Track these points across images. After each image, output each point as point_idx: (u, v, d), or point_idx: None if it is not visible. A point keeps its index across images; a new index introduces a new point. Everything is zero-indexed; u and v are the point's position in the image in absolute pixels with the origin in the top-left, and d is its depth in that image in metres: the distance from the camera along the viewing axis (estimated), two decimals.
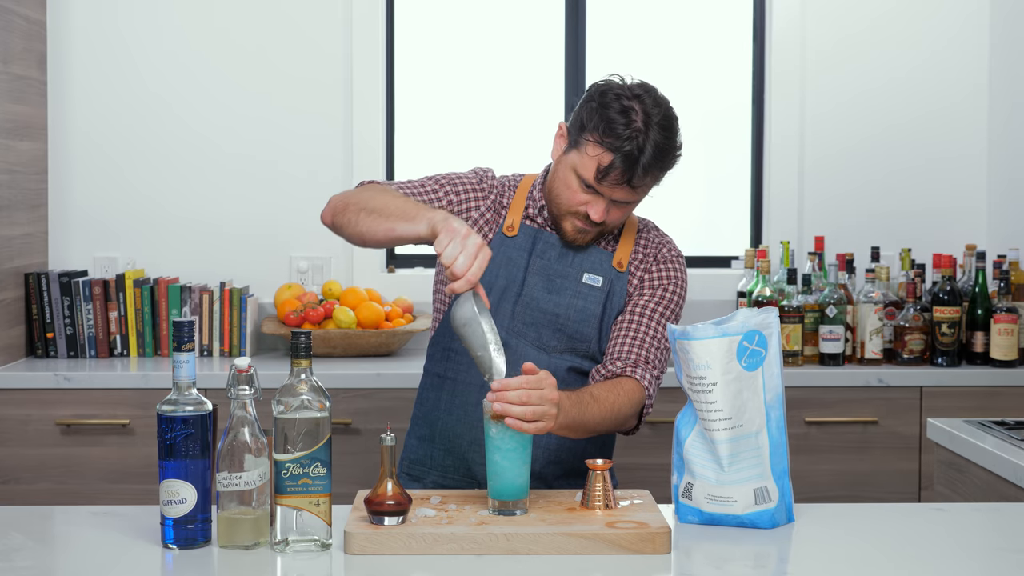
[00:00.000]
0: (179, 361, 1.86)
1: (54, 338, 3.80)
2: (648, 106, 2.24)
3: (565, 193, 2.30)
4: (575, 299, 2.34)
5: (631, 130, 2.21)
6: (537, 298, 2.34)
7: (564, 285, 2.35)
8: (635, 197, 2.28)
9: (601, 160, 2.22)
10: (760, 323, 1.99)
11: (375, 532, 1.85)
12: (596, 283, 2.36)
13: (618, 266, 2.38)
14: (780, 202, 4.15)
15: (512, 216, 2.39)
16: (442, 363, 2.40)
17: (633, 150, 2.20)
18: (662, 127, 2.23)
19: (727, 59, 4.26)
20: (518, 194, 2.42)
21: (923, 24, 4.15)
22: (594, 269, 2.37)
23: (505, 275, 2.36)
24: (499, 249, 2.37)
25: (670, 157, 2.26)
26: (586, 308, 2.35)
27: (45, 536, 2.00)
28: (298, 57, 4.06)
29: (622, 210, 2.31)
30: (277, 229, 4.07)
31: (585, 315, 2.34)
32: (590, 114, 2.25)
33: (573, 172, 2.28)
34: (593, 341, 2.35)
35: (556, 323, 2.34)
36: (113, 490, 3.48)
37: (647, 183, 2.26)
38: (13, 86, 3.70)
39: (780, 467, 2.00)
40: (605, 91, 2.27)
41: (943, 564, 1.84)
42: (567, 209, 2.31)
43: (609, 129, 2.21)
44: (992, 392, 3.60)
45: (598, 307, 2.35)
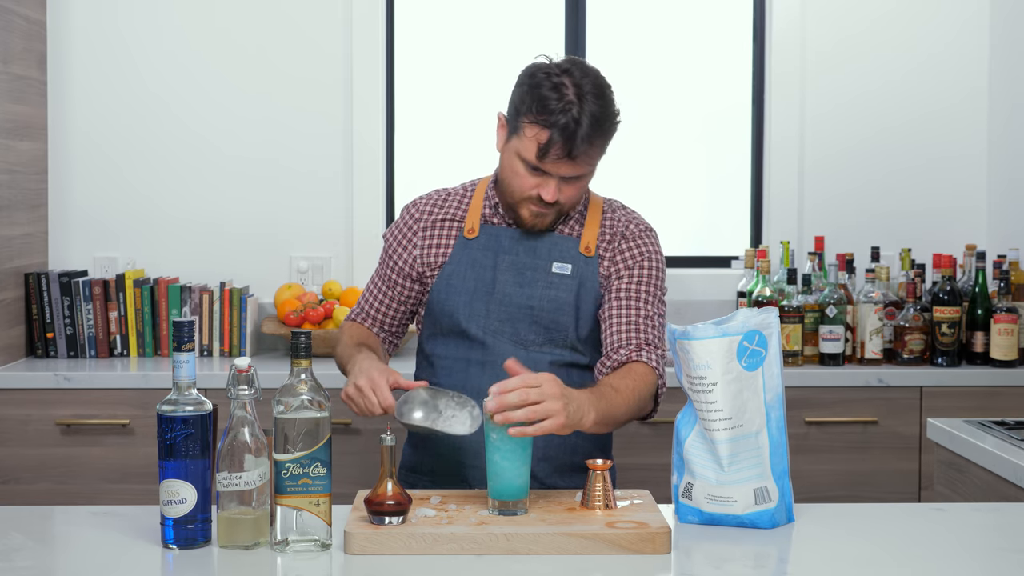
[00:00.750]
0: (179, 361, 1.86)
1: (54, 338, 3.80)
2: (577, 78, 2.24)
3: (514, 180, 2.30)
4: (547, 289, 2.34)
5: (564, 103, 2.21)
6: (509, 293, 2.35)
7: (535, 277, 2.35)
8: (581, 170, 2.27)
9: (539, 138, 2.23)
10: (760, 323, 1.99)
11: (375, 532, 1.85)
12: (566, 271, 2.36)
13: (586, 251, 2.37)
14: (780, 202, 4.15)
15: (471, 219, 2.41)
16: (428, 370, 2.42)
17: (569, 122, 2.20)
18: (595, 96, 2.23)
19: (727, 59, 4.27)
20: (475, 199, 2.43)
21: (923, 25, 4.15)
22: (562, 258, 2.36)
23: (474, 276, 2.37)
24: (462, 252, 2.38)
25: (608, 124, 2.25)
26: (559, 297, 2.34)
27: (45, 536, 2.00)
28: (298, 57, 4.06)
29: (574, 186, 2.30)
30: (277, 229, 4.07)
31: (559, 304, 2.34)
32: (523, 97, 2.27)
33: (517, 157, 2.28)
34: (570, 330, 2.35)
35: (531, 316, 2.34)
36: (113, 490, 3.48)
37: (590, 154, 2.25)
38: (13, 86, 3.70)
39: (780, 467, 2.00)
40: (534, 72, 2.29)
41: (943, 564, 1.84)
42: (520, 196, 2.31)
43: (542, 107, 2.22)
44: (992, 392, 3.60)
45: (571, 295, 2.35)
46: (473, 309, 2.35)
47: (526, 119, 2.25)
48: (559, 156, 2.23)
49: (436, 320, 2.40)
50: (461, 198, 2.45)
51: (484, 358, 2.34)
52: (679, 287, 4.08)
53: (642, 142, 4.26)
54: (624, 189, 4.23)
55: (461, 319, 2.35)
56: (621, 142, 4.46)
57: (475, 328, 2.34)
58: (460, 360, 2.36)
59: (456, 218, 2.43)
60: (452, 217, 2.43)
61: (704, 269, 4.17)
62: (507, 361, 2.05)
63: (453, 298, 2.36)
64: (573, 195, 2.32)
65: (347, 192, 4.07)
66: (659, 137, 4.27)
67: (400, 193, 4.20)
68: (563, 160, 2.23)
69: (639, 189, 4.27)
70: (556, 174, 2.26)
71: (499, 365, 2.26)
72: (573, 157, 2.23)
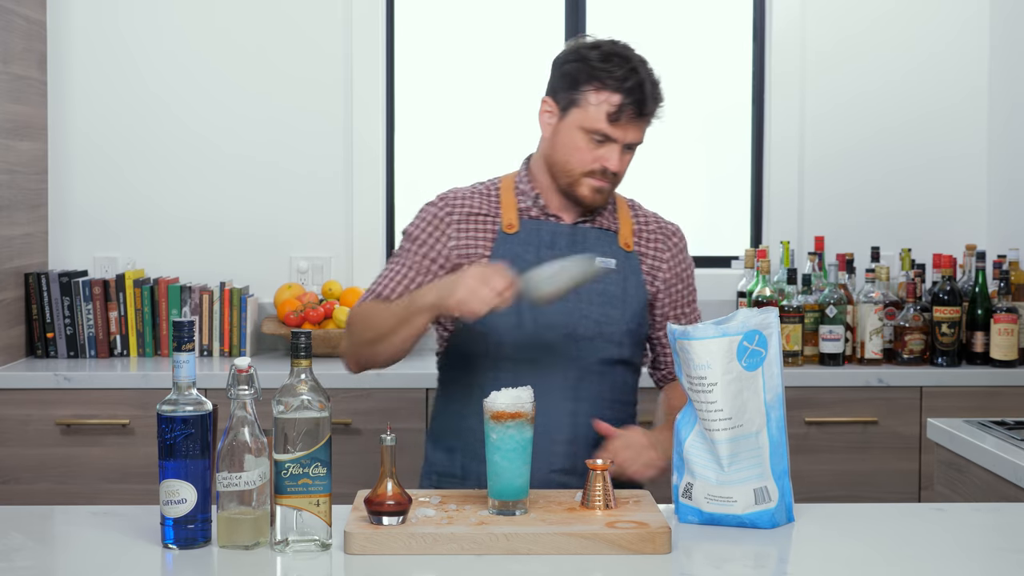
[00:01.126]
0: (179, 361, 1.86)
1: (54, 338, 3.80)
2: (621, 48, 2.32)
3: (575, 156, 2.31)
4: (595, 283, 2.33)
5: (627, 68, 2.28)
6: None
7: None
8: (642, 135, 2.33)
9: (611, 101, 2.27)
10: (760, 323, 1.99)
11: (375, 532, 1.85)
12: (610, 265, 2.37)
13: (625, 246, 2.40)
14: (780, 202, 4.15)
15: (507, 215, 2.38)
16: (466, 370, 2.37)
17: (635, 84, 2.27)
18: (642, 60, 2.32)
19: (727, 59, 4.26)
20: (504, 195, 2.41)
21: (923, 25, 4.15)
22: (605, 252, 2.37)
23: (521, 268, 2.31)
24: (503, 247, 2.36)
25: (660, 89, 2.33)
26: (607, 290, 2.35)
27: (45, 536, 2.00)
28: (298, 57, 4.06)
29: (629, 157, 2.35)
30: (277, 229, 4.07)
31: (607, 297, 2.35)
32: (576, 72, 2.30)
33: (579, 130, 2.30)
34: (621, 322, 2.35)
35: (581, 310, 2.33)
36: (113, 490, 3.48)
37: (653, 115, 2.32)
38: (13, 86, 3.70)
39: (780, 467, 2.00)
40: (577, 48, 2.34)
41: (943, 564, 1.84)
42: (580, 171, 2.32)
43: (606, 73, 2.27)
44: (992, 392, 3.60)
45: (618, 288, 2.36)
46: (523, 305, 2.29)
47: (588, 88, 2.28)
48: (632, 117, 2.28)
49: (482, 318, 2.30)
50: (485, 196, 2.42)
51: (531, 354, 2.31)
52: None
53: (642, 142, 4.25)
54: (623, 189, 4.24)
55: (507, 316, 2.30)
56: None
57: (523, 323, 2.31)
58: (505, 358, 2.32)
59: (489, 213, 2.39)
60: (485, 212, 2.40)
61: (704, 269, 4.15)
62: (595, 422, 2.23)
63: None
64: (626, 166, 2.36)
65: (347, 192, 4.07)
66: (659, 137, 4.25)
67: (400, 193, 4.20)
68: (634, 121, 2.29)
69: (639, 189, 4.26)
70: (623, 140, 2.30)
71: (546, 361, 2.30)
72: (643, 115, 2.29)
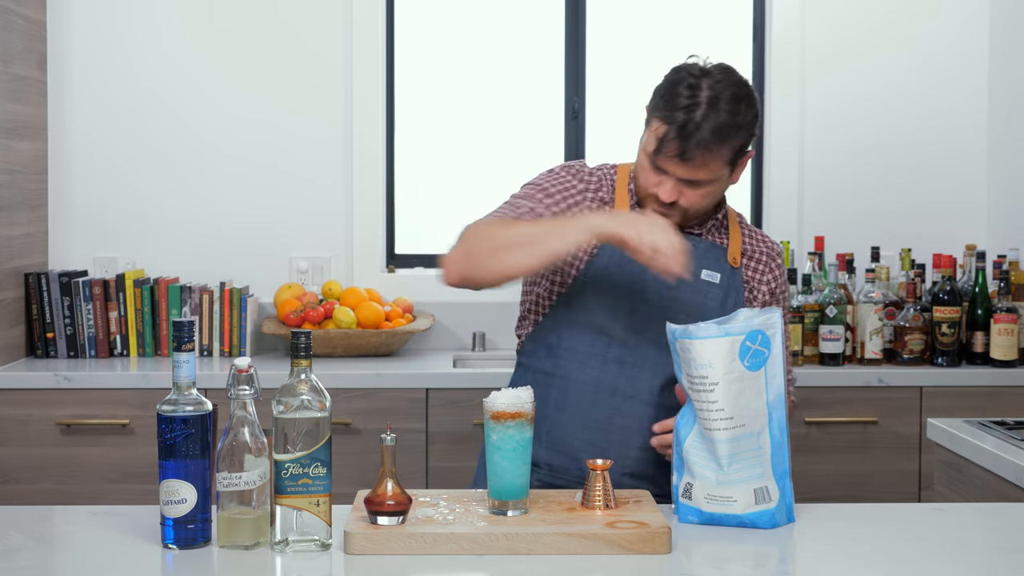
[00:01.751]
0: (179, 361, 1.86)
1: (54, 338, 3.80)
2: (715, 81, 2.18)
3: (641, 175, 2.27)
4: (694, 295, 2.30)
5: (691, 102, 2.15)
6: (657, 295, 2.28)
7: (684, 282, 2.26)
8: (697, 175, 2.19)
9: (658, 132, 2.19)
10: (763, 323, 1.99)
11: (375, 532, 1.85)
12: (715, 279, 2.32)
13: (733, 262, 2.34)
14: (780, 202, 4.15)
15: (620, 207, 2.33)
16: (549, 360, 2.33)
17: (687, 122, 2.14)
18: (729, 101, 2.17)
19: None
20: (619, 188, 2.35)
21: (923, 25, 4.15)
22: (711, 266, 2.32)
23: (624, 272, 2.29)
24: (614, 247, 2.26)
25: (731, 131, 2.17)
26: (705, 304, 2.30)
27: (45, 536, 2.00)
28: (298, 58, 4.06)
29: (697, 192, 2.22)
30: (277, 229, 4.07)
31: (705, 311, 2.28)
32: (659, 91, 2.23)
33: (643, 151, 2.25)
34: None
35: (678, 320, 2.24)
36: (113, 490, 3.48)
37: (706, 160, 2.17)
38: (13, 86, 3.70)
39: (781, 467, 2.00)
40: (679, 69, 2.23)
41: (943, 564, 1.84)
42: (644, 192, 2.28)
43: (670, 102, 2.17)
44: (992, 392, 3.60)
45: (717, 303, 2.31)
46: (619, 306, 2.28)
47: (655, 112, 2.22)
48: (672, 154, 2.18)
49: (574, 310, 2.31)
50: (606, 181, 2.36)
51: (623, 357, 2.29)
52: None
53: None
54: None
55: (606, 315, 2.28)
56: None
57: (619, 326, 2.29)
58: (596, 356, 2.29)
59: (608, 201, 2.35)
60: (605, 199, 2.34)
61: None
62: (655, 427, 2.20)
63: (601, 291, 2.29)
64: (697, 201, 2.24)
65: (347, 192, 4.07)
66: None
67: (400, 193, 4.20)
68: (675, 160, 2.18)
69: None
70: (672, 173, 2.21)
71: (638, 365, 2.27)
72: (685, 159, 2.17)
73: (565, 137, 4.20)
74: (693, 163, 2.18)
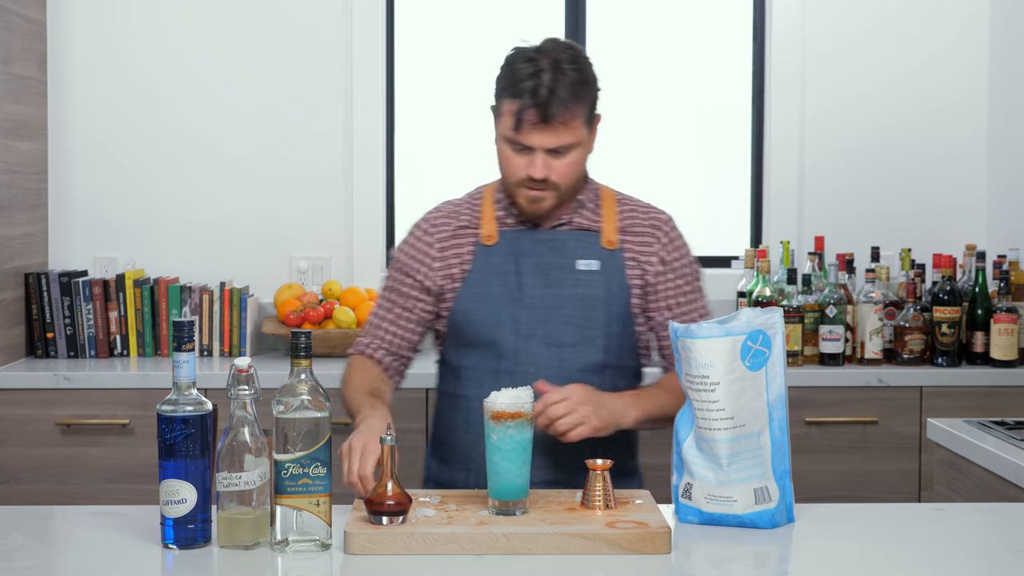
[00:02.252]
0: (179, 361, 1.86)
1: (54, 338, 3.80)
2: (550, 50, 2.25)
3: (506, 167, 2.30)
4: (576, 287, 2.32)
5: (535, 70, 2.21)
6: (538, 296, 2.32)
7: (561, 276, 2.33)
8: (561, 139, 2.23)
9: (512, 109, 2.23)
10: (765, 323, 1.99)
11: (375, 532, 1.85)
12: (593, 267, 2.34)
13: (608, 244, 2.36)
14: (780, 202, 4.15)
15: (487, 226, 2.37)
16: (452, 382, 2.38)
17: (538, 86, 2.20)
18: (569, 62, 2.23)
19: (727, 59, 4.26)
20: (484, 204, 2.40)
21: (923, 25, 4.15)
22: (586, 255, 2.35)
23: (498, 282, 2.34)
24: (483, 260, 2.35)
25: (582, 86, 2.24)
26: (588, 294, 2.32)
27: (45, 536, 2.00)
28: (298, 57, 4.06)
29: (563, 162, 2.26)
30: (277, 229, 4.07)
31: (589, 301, 2.32)
32: (500, 81, 2.29)
33: (503, 140, 2.28)
34: (601, 326, 2.32)
35: (562, 316, 2.32)
36: (113, 490, 3.48)
37: (567, 120, 2.22)
38: (13, 86, 3.70)
39: (782, 467, 2.00)
40: (511, 56, 2.30)
41: (943, 564, 1.84)
42: (513, 181, 2.29)
43: (514, 81, 2.23)
44: (992, 392, 3.59)
45: (600, 290, 2.33)
46: (501, 316, 2.31)
47: (504, 97, 2.26)
48: (534, 122, 2.21)
49: (461, 332, 2.35)
50: (471, 206, 2.42)
51: (515, 367, 2.30)
52: None
53: (642, 141, 4.26)
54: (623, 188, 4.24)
55: (489, 328, 2.32)
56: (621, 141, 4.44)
57: (505, 335, 2.31)
58: (490, 371, 2.31)
59: (471, 226, 2.39)
60: (467, 225, 2.39)
61: (704, 269, 4.14)
62: (536, 383, 2.12)
63: (480, 307, 2.33)
64: (565, 172, 2.27)
65: (347, 192, 4.07)
66: (659, 137, 4.27)
67: (400, 193, 4.20)
68: (538, 127, 2.21)
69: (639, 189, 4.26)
70: (538, 146, 2.23)
71: (529, 373, 2.27)
72: (547, 121, 2.21)
73: None
74: (555, 126, 2.22)
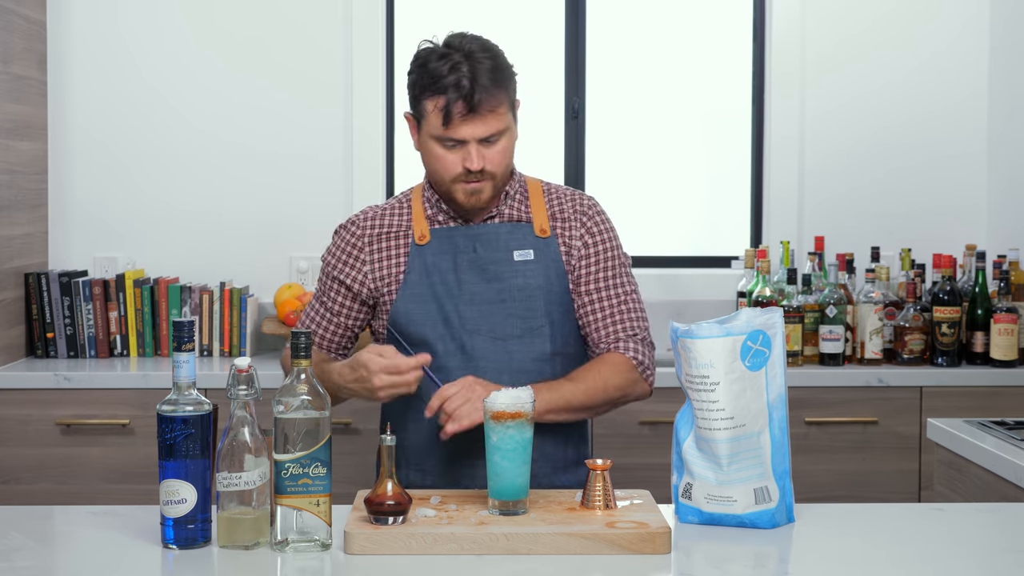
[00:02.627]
0: (179, 361, 1.86)
1: (54, 338, 3.80)
2: (459, 44, 2.27)
3: (438, 166, 2.30)
4: (514, 279, 2.33)
5: (452, 65, 2.23)
6: (478, 291, 2.33)
7: (499, 270, 2.33)
8: (490, 127, 2.26)
9: (438, 105, 2.25)
10: (765, 323, 1.99)
11: (375, 532, 1.85)
12: (528, 257, 2.35)
13: (541, 232, 2.37)
14: (780, 202, 4.15)
15: (418, 226, 2.38)
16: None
17: (459, 79, 2.22)
18: (482, 51, 2.26)
19: (727, 59, 4.26)
20: (414, 205, 2.41)
21: (923, 25, 4.15)
22: (520, 245, 2.36)
23: (438, 281, 2.33)
24: (418, 260, 2.35)
25: (500, 73, 2.27)
26: (528, 284, 2.33)
27: (45, 536, 2.00)
28: (298, 55, 4.06)
29: (495, 150, 2.28)
30: (277, 229, 4.07)
31: (529, 291, 2.33)
32: (413, 84, 2.30)
33: (431, 139, 2.29)
34: (542, 315, 2.33)
35: (504, 309, 2.32)
36: (113, 490, 3.48)
37: (492, 106, 2.25)
38: (13, 86, 3.70)
39: (782, 467, 2.00)
40: (419, 55, 2.31)
41: (943, 564, 1.84)
42: (449, 179, 2.30)
43: (434, 79, 2.25)
44: (992, 392, 3.59)
45: (539, 278, 2.34)
46: (444, 315, 2.32)
47: (425, 97, 2.27)
48: (463, 114, 2.23)
49: (403, 333, 2.34)
50: (399, 208, 2.42)
51: (464, 364, 2.30)
52: (679, 287, 4.08)
53: (642, 141, 4.26)
54: (623, 189, 4.25)
55: (431, 328, 2.32)
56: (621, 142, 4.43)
57: (449, 334, 2.31)
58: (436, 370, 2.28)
59: (401, 228, 2.39)
60: (396, 227, 2.39)
61: (704, 269, 4.17)
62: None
63: (420, 308, 2.33)
64: (498, 160, 2.29)
65: (347, 192, 4.07)
66: (659, 137, 4.27)
67: None
68: (468, 118, 2.24)
69: (639, 189, 4.27)
70: (469, 137, 2.25)
71: (480, 369, 2.28)
72: (475, 110, 2.23)
73: (565, 137, 4.20)
74: (483, 114, 2.24)
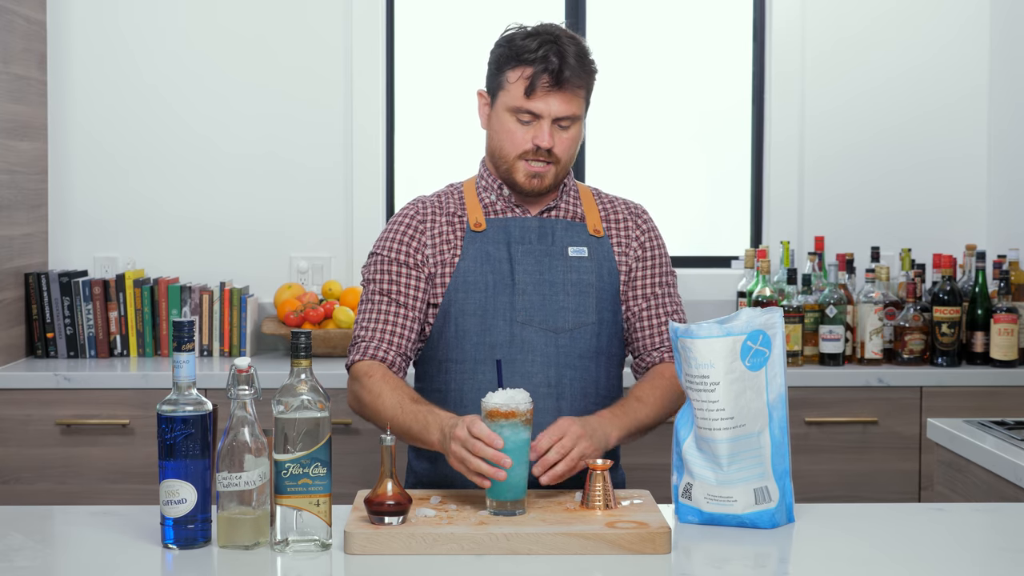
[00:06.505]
0: (179, 361, 1.86)
1: (54, 338, 3.80)
2: (548, 27, 2.35)
3: (507, 140, 2.32)
4: (568, 273, 2.34)
5: (542, 41, 2.29)
6: (533, 281, 2.33)
7: (554, 263, 2.34)
8: (570, 107, 2.29)
9: (525, 75, 2.28)
10: (765, 323, 1.99)
11: (375, 532, 1.85)
12: (583, 253, 2.37)
13: (595, 232, 2.40)
14: (780, 202, 4.15)
15: (473, 214, 2.38)
16: (440, 377, 2.35)
17: (550, 54, 2.27)
18: (570, 36, 2.33)
19: (727, 59, 4.26)
20: (467, 196, 2.41)
21: (923, 25, 4.15)
22: (575, 242, 2.38)
23: (491, 270, 2.33)
24: (473, 247, 2.34)
25: (587, 60, 2.32)
26: (581, 280, 2.35)
27: (45, 536, 2.00)
28: (299, 55, 4.06)
29: (567, 138, 2.32)
30: (277, 229, 4.07)
31: (582, 287, 2.34)
32: (500, 56, 2.34)
33: (507, 112, 2.31)
34: (593, 312, 2.34)
35: (557, 302, 2.33)
36: (113, 490, 3.48)
37: (577, 86, 2.29)
38: (13, 86, 3.70)
39: (781, 467, 2.00)
40: (506, 35, 2.37)
41: (943, 564, 1.84)
42: (515, 155, 2.32)
43: (522, 51, 2.29)
44: (992, 392, 3.60)
45: (592, 276, 2.36)
46: (497, 303, 2.31)
47: (508, 68, 2.31)
48: (548, 86, 2.27)
49: (453, 321, 2.32)
50: (452, 197, 2.42)
51: (512, 355, 2.29)
52: (679, 287, 4.07)
53: (642, 141, 4.26)
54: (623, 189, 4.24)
55: (485, 316, 2.30)
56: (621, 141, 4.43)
57: (500, 323, 2.31)
58: (484, 361, 2.29)
59: (456, 213, 2.39)
60: (451, 212, 2.39)
61: (704, 269, 4.17)
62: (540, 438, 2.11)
63: (474, 295, 2.31)
64: (566, 146, 2.32)
65: (347, 192, 4.07)
66: (659, 137, 4.27)
67: (400, 193, 4.20)
68: (552, 91, 2.27)
69: (638, 189, 4.26)
70: (546, 114, 2.28)
71: (528, 360, 2.29)
72: (561, 84, 2.27)
73: None
74: (567, 92, 2.28)
